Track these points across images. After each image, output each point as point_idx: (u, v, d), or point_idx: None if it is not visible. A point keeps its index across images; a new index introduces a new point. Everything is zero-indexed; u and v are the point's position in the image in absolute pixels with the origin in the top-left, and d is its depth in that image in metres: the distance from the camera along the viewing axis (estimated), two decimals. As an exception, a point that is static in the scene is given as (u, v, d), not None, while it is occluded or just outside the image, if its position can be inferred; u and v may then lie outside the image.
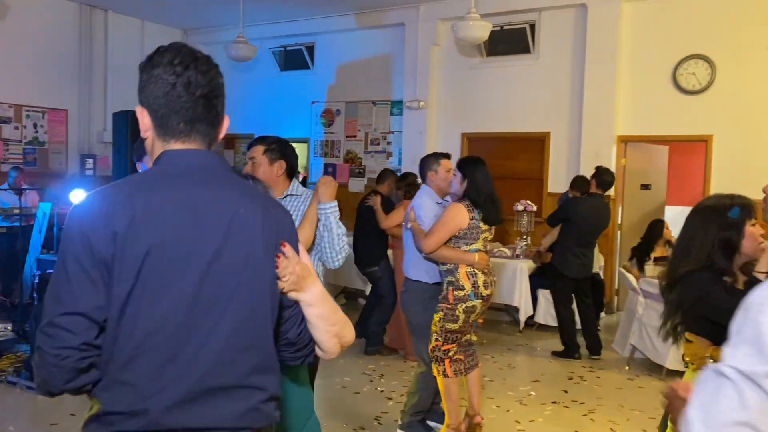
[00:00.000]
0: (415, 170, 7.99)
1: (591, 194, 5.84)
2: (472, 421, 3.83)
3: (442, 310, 3.60)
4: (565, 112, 7.64)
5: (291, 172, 2.85)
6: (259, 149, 2.79)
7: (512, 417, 4.28)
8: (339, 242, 2.73)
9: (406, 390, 4.73)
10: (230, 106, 1.51)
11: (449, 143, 8.34)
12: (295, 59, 9.64)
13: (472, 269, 3.57)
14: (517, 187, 7.61)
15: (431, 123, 8.44)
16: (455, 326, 3.58)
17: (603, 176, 5.81)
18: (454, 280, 3.59)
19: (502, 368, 5.35)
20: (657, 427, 2.42)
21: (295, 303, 1.49)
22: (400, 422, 3.98)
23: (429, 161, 3.95)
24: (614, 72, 7.23)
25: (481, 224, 3.59)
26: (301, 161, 8.83)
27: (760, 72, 6.65)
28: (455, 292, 3.57)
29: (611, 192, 7.23)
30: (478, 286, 3.56)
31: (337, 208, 2.74)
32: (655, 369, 5.27)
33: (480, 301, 3.58)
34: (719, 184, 6.68)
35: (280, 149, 2.80)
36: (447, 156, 3.98)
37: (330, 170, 9.39)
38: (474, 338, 3.82)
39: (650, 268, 6.01)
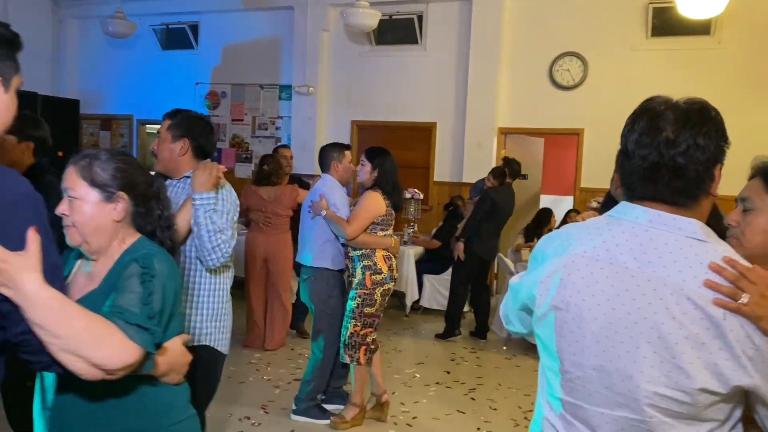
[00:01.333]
0: (305, 157, 7.97)
1: (506, 183, 6.14)
2: (380, 400, 3.99)
3: (359, 296, 3.73)
4: (451, 103, 7.87)
5: (199, 153, 2.58)
6: (165, 124, 2.59)
7: (398, 399, 4.39)
8: (211, 240, 2.38)
9: (293, 378, 4.74)
10: (107, 84, 1.44)
11: (339, 130, 8.36)
12: (178, 38, 9.23)
13: (388, 253, 3.81)
14: (405, 175, 7.64)
15: (321, 109, 8.41)
16: (373, 310, 3.75)
17: (513, 166, 6.22)
18: (371, 264, 3.74)
19: (388, 352, 5.46)
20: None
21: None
22: (294, 408, 4.00)
23: (333, 151, 4.02)
24: (496, 66, 7.53)
25: (392, 211, 3.86)
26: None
27: (627, 70, 7.18)
28: (373, 277, 3.73)
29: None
30: (393, 269, 3.83)
31: (213, 200, 2.43)
32: (530, 349, 5.59)
33: (393, 283, 3.83)
34: (589, 175, 7.19)
35: (186, 126, 2.57)
36: (348, 147, 4.13)
37: (215, 154, 9.09)
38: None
39: (526, 253, 6.40)
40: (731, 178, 3.44)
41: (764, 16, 6.65)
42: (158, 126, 2.72)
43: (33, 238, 1.18)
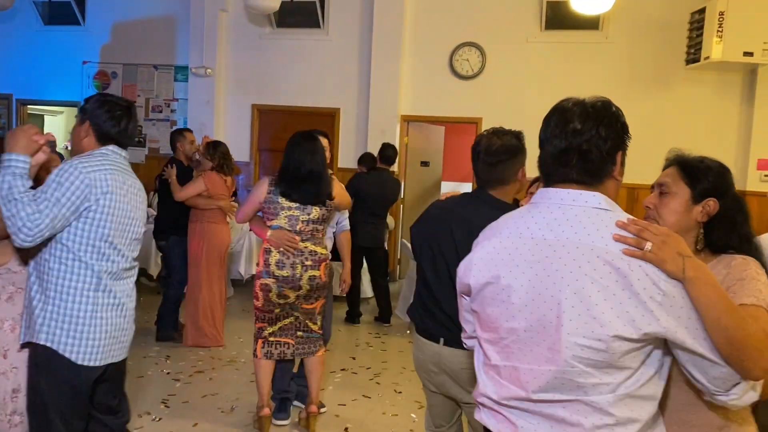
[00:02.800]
0: (200, 141, 7.68)
1: (376, 169, 6.12)
2: (306, 410, 3.74)
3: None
4: (354, 90, 7.86)
5: (103, 137, 2.37)
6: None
7: (303, 387, 4.37)
8: (6, 207, 2.08)
9: (195, 370, 4.60)
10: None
11: (238, 114, 8.14)
12: (62, 13, 8.62)
13: (268, 246, 3.45)
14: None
15: (219, 92, 8.14)
16: (258, 303, 3.49)
17: (384, 151, 6.17)
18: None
19: (292, 340, 5.42)
20: None
21: None
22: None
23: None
24: (398, 54, 7.59)
25: (281, 200, 3.38)
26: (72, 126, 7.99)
27: (522, 61, 7.46)
28: (256, 268, 3.57)
29: (395, 168, 7.66)
30: (270, 264, 3.41)
31: (24, 165, 2.12)
32: (432, 332, 5.72)
33: (273, 280, 3.40)
34: (487, 163, 7.41)
35: (89, 109, 2.37)
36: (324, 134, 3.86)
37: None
38: (314, 326, 3.59)
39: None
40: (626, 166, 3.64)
41: (647, 14, 7.09)
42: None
43: None
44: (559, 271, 1.32)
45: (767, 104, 6.73)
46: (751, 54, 6.04)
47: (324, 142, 3.66)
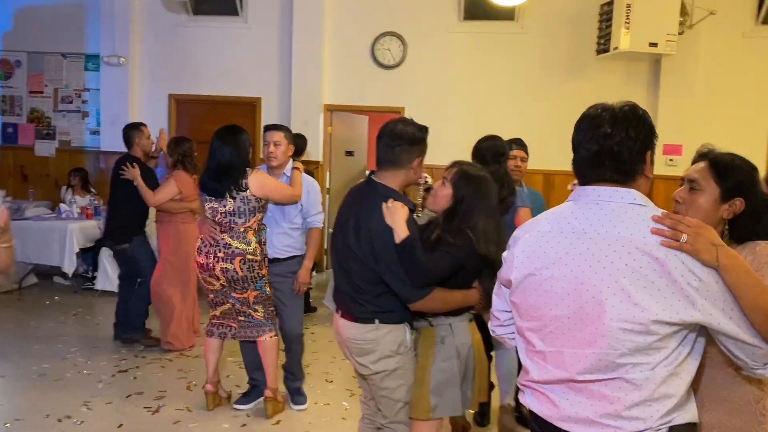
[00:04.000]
0: (116, 132, 7.41)
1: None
2: (264, 395, 3.89)
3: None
4: (275, 79, 7.75)
5: None
6: None
7: (233, 381, 4.31)
8: None
9: (117, 370, 4.46)
10: None
11: (155, 105, 7.88)
12: (-44, -4, 8.05)
13: (199, 235, 3.72)
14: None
15: (134, 82, 7.84)
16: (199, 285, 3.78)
17: (294, 141, 5.99)
18: None
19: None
20: None
21: None
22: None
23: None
24: (320, 43, 7.54)
25: (204, 192, 3.60)
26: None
27: (443, 51, 7.57)
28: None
29: (320, 158, 7.63)
30: (196, 250, 3.69)
31: None
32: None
33: (196, 265, 3.67)
34: (411, 151, 7.50)
35: None
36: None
37: (10, 130, 8.15)
38: (255, 313, 3.68)
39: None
40: (537, 154, 3.79)
41: (560, 6, 7.35)
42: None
43: None
44: (600, 262, 1.43)
45: (671, 92, 7.13)
46: (655, 45, 6.38)
47: (277, 135, 3.78)
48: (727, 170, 1.74)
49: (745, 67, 7.36)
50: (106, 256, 6.48)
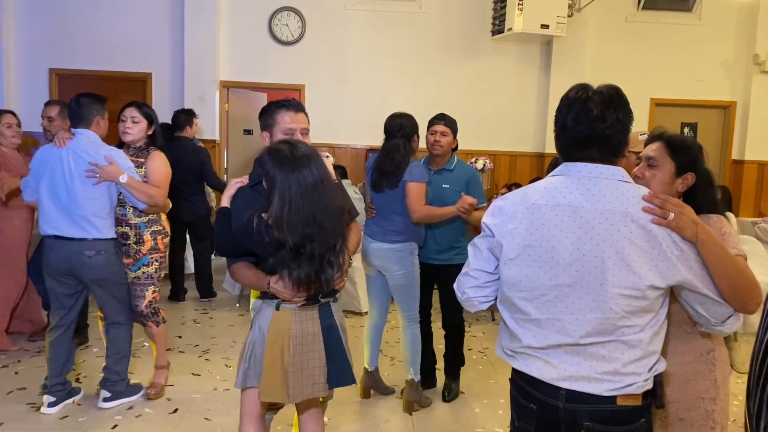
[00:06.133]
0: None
1: (175, 139, 5.66)
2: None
3: (156, 260, 3.67)
4: (167, 53, 7.40)
5: None
6: None
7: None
8: None
9: (-4, 365, 4.14)
10: None
11: (33, 80, 7.32)
12: None
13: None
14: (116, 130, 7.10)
15: (8, 54, 7.22)
16: (164, 272, 3.70)
17: (174, 119, 5.75)
18: (161, 228, 3.69)
19: (111, 323, 5.07)
20: None
21: None
22: (110, 395, 3.63)
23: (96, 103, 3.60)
24: (214, 16, 7.26)
25: None
26: None
27: (342, 29, 7.50)
28: (164, 240, 3.71)
29: (216, 137, 7.38)
30: None
31: None
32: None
33: None
34: (313, 132, 7.40)
35: None
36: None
37: None
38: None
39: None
40: (461, 135, 3.80)
41: (456, -15, 7.45)
42: None
43: None
44: (600, 234, 1.56)
45: (561, 73, 7.43)
46: (547, 26, 6.60)
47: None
48: (680, 147, 1.96)
49: (628, 49, 7.80)
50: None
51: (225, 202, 2.40)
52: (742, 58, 7.92)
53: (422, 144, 3.78)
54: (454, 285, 1.87)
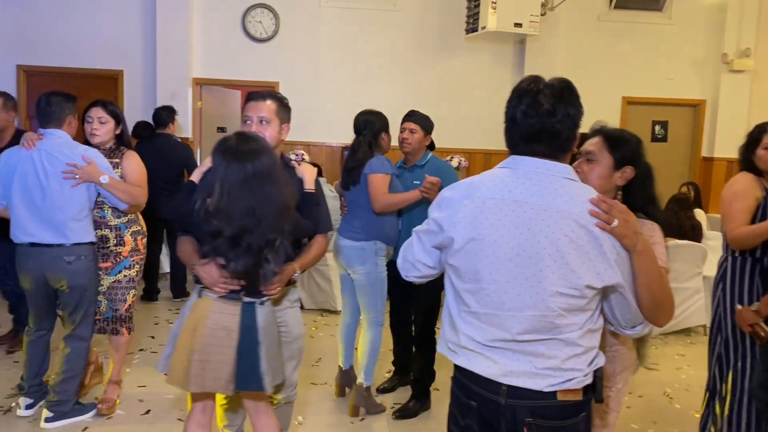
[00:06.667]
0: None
1: (156, 136, 5.68)
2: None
3: (137, 263, 3.59)
4: (138, 50, 7.29)
5: None
6: None
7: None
8: None
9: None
10: None
11: (0, 77, 7.15)
12: None
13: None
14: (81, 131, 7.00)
15: (-26, 51, 7.07)
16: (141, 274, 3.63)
17: (156, 116, 5.73)
18: (139, 228, 3.61)
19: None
20: None
21: None
22: (52, 415, 3.38)
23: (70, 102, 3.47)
24: (187, 12, 7.17)
25: None
26: None
27: (316, 26, 7.46)
28: (143, 240, 3.62)
29: (189, 134, 7.30)
30: None
31: None
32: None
33: None
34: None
35: None
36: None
37: None
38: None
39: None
40: (437, 133, 3.80)
41: (430, -16, 7.47)
42: None
43: None
44: (542, 231, 1.54)
45: (534, 71, 7.36)
46: (520, 25, 6.64)
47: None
48: (618, 142, 1.95)
49: (600, 48, 7.90)
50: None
51: (195, 176, 2.36)
52: (711, 58, 8.06)
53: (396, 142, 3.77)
54: (398, 261, 1.88)
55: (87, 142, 3.48)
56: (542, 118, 1.58)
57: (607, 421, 2.09)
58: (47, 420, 3.36)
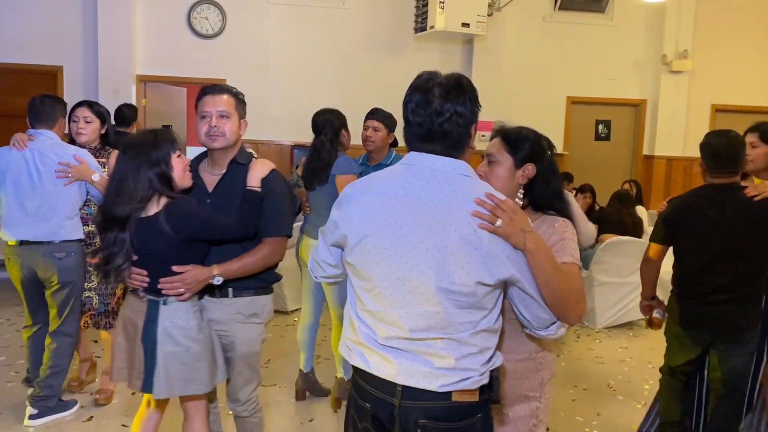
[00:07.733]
0: None
1: (122, 134, 5.53)
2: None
3: None
4: (79, 46, 7.06)
5: None
6: None
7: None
8: None
9: None
10: None
11: (-71, 71, 6.81)
12: None
13: None
14: (23, 126, 6.72)
15: None
16: None
17: (119, 112, 5.54)
18: None
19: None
20: None
21: None
22: (36, 412, 3.40)
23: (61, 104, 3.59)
24: (130, 7, 6.99)
25: None
26: None
27: (263, 23, 7.37)
28: None
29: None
30: None
31: None
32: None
33: None
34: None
35: None
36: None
37: None
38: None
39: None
40: (359, 130, 3.81)
41: (379, -18, 7.47)
42: None
43: None
44: (433, 228, 1.52)
45: (482, 71, 7.58)
46: (468, 25, 6.71)
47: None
48: (516, 141, 1.91)
49: (546, 48, 8.05)
50: None
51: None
52: (651, 59, 8.32)
53: (357, 140, 3.77)
54: (309, 262, 1.89)
55: (72, 142, 3.58)
56: (430, 118, 1.56)
57: None
58: (31, 417, 3.38)
